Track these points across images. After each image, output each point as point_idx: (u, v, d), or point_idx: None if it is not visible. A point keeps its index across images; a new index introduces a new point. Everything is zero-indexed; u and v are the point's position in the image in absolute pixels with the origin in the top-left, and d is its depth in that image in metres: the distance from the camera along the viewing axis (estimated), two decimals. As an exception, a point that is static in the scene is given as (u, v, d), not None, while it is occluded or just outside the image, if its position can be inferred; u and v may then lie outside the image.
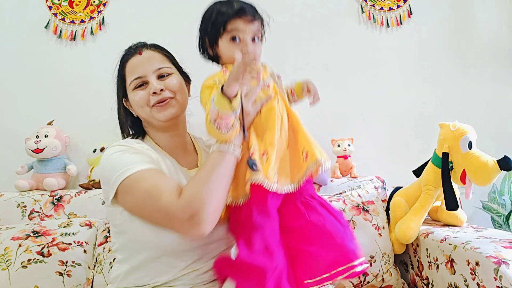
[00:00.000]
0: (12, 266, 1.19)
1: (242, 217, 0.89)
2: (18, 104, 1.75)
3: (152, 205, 0.84)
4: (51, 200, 1.47)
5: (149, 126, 1.04)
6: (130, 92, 1.00)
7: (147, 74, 0.98)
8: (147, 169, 0.88)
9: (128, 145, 0.94)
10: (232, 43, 0.96)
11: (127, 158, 0.89)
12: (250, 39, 0.96)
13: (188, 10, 1.84)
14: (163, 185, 0.85)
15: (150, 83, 0.97)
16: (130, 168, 0.86)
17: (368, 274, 1.33)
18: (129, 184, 0.86)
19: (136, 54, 1.01)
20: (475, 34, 1.94)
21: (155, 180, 0.86)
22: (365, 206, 1.44)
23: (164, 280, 0.91)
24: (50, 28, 1.80)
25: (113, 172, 0.88)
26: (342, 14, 1.91)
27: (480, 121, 1.50)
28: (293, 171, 0.92)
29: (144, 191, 0.85)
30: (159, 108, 0.97)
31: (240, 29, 0.95)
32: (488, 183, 1.18)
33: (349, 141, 1.72)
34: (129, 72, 1.00)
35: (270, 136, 0.90)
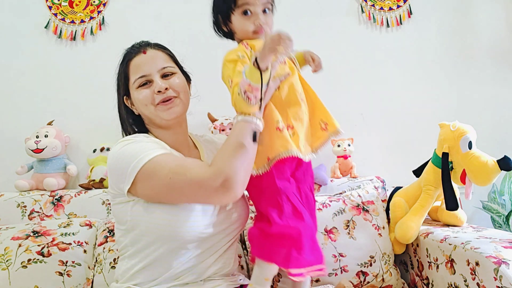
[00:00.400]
0: (12, 266, 1.19)
1: (263, 185, 0.94)
2: (18, 104, 1.75)
3: (182, 180, 0.86)
4: (51, 200, 1.47)
5: (152, 124, 1.04)
6: (134, 91, 1.00)
7: (151, 73, 0.98)
8: (164, 153, 0.90)
9: (134, 137, 0.95)
10: (244, 17, 0.99)
11: (142, 146, 0.91)
12: (261, 11, 0.99)
13: (188, 10, 1.85)
14: (187, 163, 0.90)
15: (155, 82, 0.98)
16: (148, 154, 0.88)
17: (368, 274, 1.33)
18: (151, 168, 0.87)
19: (141, 53, 1.01)
20: (475, 34, 1.94)
21: (177, 160, 0.90)
22: (365, 206, 1.44)
23: (177, 272, 0.93)
24: (50, 28, 1.80)
25: (129, 162, 0.88)
26: (342, 14, 1.91)
27: (480, 121, 1.50)
28: (313, 140, 1.00)
29: (169, 171, 0.86)
30: (164, 107, 0.98)
31: (250, 2, 0.98)
32: (488, 183, 1.18)
33: (349, 141, 1.72)
34: (133, 71, 1.00)
35: (295, 111, 0.96)
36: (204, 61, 1.82)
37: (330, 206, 1.42)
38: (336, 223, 1.38)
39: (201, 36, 1.82)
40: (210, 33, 1.18)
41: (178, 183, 0.86)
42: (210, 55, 1.79)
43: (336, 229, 1.38)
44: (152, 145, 0.92)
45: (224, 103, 1.45)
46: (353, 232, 1.37)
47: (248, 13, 0.99)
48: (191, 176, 0.86)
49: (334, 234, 1.37)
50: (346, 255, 1.34)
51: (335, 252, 1.34)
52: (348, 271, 1.33)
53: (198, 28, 1.82)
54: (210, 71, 1.35)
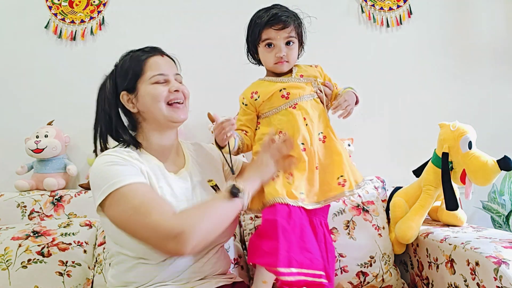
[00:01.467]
0: (12, 266, 1.19)
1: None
2: (18, 104, 1.76)
3: (139, 221, 0.86)
4: (51, 200, 1.47)
5: (148, 123, 1.03)
6: (147, 85, 1.00)
7: (170, 74, 1.03)
8: (136, 183, 0.89)
9: (118, 155, 0.94)
10: (267, 49, 1.12)
11: (118, 170, 0.90)
12: (283, 43, 1.11)
13: (188, 10, 1.85)
14: (154, 203, 0.88)
15: (172, 82, 1.02)
16: (120, 180, 0.88)
17: (368, 274, 1.33)
18: (118, 198, 0.88)
19: (158, 55, 1.05)
20: (475, 34, 1.94)
21: (145, 196, 0.88)
22: (365, 206, 1.44)
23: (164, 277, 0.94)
24: (50, 28, 1.80)
25: (103, 182, 0.89)
26: (342, 14, 1.91)
27: (480, 121, 1.50)
28: (324, 190, 1.07)
29: (132, 207, 0.86)
30: (176, 109, 1.01)
31: (272, 37, 1.11)
32: (488, 183, 1.18)
33: (349, 141, 1.72)
34: (151, 67, 1.01)
35: (300, 165, 1.06)
36: (204, 61, 1.83)
37: (330, 206, 1.41)
38: (336, 224, 1.38)
39: (201, 36, 1.82)
40: (210, 34, 1.19)
41: (135, 223, 0.86)
42: (210, 55, 1.80)
43: (336, 229, 1.38)
44: (127, 170, 0.91)
45: (224, 103, 1.46)
46: (353, 232, 1.37)
47: (272, 45, 1.11)
48: (150, 220, 0.85)
49: (334, 235, 1.37)
50: (346, 256, 1.34)
51: (335, 253, 1.34)
52: (348, 271, 1.33)
53: (198, 28, 1.82)
54: (210, 71, 1.37)
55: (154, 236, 0.85)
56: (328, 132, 1.13)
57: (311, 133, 1.09)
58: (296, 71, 1.17)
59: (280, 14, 1.10)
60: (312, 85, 1.16)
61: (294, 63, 1.17)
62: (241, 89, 1.20)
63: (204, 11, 1.85)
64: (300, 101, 1.11)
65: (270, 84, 1.15)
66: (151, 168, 0.97)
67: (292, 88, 1.12)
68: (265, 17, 1.10)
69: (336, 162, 1.09)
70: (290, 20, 1.11)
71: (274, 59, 1.12)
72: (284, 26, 1.09)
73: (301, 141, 1.07)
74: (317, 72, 1.19)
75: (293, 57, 1.14)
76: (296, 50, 1.15)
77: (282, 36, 1.10)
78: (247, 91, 1.17)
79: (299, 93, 1.12)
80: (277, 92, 1.12)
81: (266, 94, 1.13)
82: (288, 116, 1.10)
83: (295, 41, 1.13)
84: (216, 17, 1.84)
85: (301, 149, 1.06)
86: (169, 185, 0.98)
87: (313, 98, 1.14)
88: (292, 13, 1.14)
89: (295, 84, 1.14)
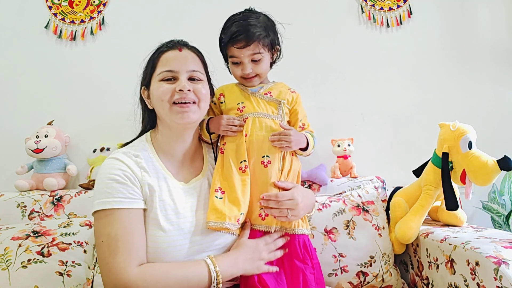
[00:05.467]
0: (12, 266, 1.19)
1: None
2: (18, 104, 1.75)
3: (105, 254, 0.86)
4: (51, 200, 1.47)
5: (161, 122, 1.02)
6: (155, 82, 0.97)
7: (180, 70, 0.97)
8: (124, 209, 0.88)
9: (122, 166, 0.91)
10: (233, 65, 1.11)
11: (113, 189, 0.89)
12: (249, 61, 1.08)
13: (188, 10, 1.85)
14: (125, 243, 0.86)
15: (180, 80, 0.96)
16: (110, 202, 0.87)
17: (368, 274, 1.33)
18: (102, 217, 0.88)
19: (176, 49, 1.00)
20: (475, 34, 1.94)
21: (122, 231, 0.86)
22: (365, 206, 1.44)
23: None
24: (50, 28, 1.80)
25: (98, 195, 0.90)
26: (342, 14, 1.91)
27: (480, 121, 1.50)
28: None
29: (106, 235, 0.86)
30: (179, 109, 0.95)
31: (236, 55, 1.08)
32: (488, 183, 1.18)
33: (349, 141, 1.72)
34: (162, 63, 0.98)
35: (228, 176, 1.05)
36: (204, 61, 1.82)
37: (330, 206, 1.42)
38: (336, 223, 1.38)
39: (201, 36, 1.81)
40: (209, 34, 1.19)
41: (101, 251, 0.87)
42: (210, 55, 1.80)
43: (336, 229, 1.38)
44: (125, 191, 0.89)
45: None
46: (353, 232, 1.37)
47: (238, 63, 1.09)
48: (112, 260, 0.84)
49: (334, 235, 1.37)
50: (346, 256, 1.34)
51: (335, 253, 1.34)
52: (348, 271, 1.33)
53: (198, 28, 1.82)
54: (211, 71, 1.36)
55: (106, 276, 0.85)
56: (277, 158, 1.06)
57: (251, 151, 1.05)
58: (267, 88, 1.14)
59: (241, 31, 1.04)
60: (277, 107, 1.11)
61: (265, 75, 1.15)
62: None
63: (204, 11, 1.85)
64: (252, 116, 1.08)
65: (239, 92, 1.13)
66: (157, 178, 0.95)
67: (250, 102, 1.10)
68: (228, 33, 1.07)
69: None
70: (252, 36, 1.04)
71: (240, 74, 1.11)
72: (246, 44, 1.04)
73: (243, 158, 1.04)
74: (290, 97, 1.14)
75: (262, 70, 1.11)
76: (264, 63, 1.10)
77: (246, 54, 1.06)
78: (218, 90, 1.16)
79: (254, 108, 1.09)
80: (235, 105, 1.11)
81: (230, 102, 1.12)
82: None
83: (262, 55, 1.08)
84: (216, 17, 1.84)
85: (240, 167, 1.03)
86: (172, 199, 0.95)
87: (269, 118, 1.09)
88: (258, 24, 1.06)
89: (256, 99, 1.11)
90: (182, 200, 0.96)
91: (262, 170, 1.04)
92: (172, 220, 0.92)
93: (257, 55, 1.07)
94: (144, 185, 0.92)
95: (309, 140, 1.12)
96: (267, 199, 1.01)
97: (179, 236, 0.91)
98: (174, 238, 0.90)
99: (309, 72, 1.85)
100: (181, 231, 0.92)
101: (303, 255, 1.02)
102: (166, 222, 0.91)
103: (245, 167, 1.03)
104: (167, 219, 0.91)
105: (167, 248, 0.89)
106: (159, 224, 0.90)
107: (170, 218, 0.92)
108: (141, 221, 0.90)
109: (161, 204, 0.92)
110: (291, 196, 1.01)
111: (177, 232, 0.91)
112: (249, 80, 1.12)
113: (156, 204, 0.92)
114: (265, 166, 1.04)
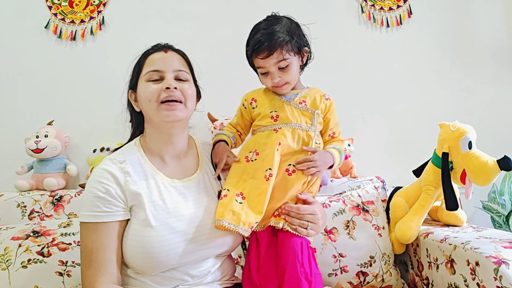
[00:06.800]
0: (12, 266, 1.19)
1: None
2: (18, 104, 1.75)
3: (82, 263, 0.91)
4: (51, 200, 1.47)
5: (149, 124, 1.02)
6: (142, 83, 0.98)
7: (166, 70, 0.97)
8: (103, 223, 0.89)
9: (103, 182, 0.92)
10: (263, 76, 1.09)
11: (93, 203, 0.90)
12: (275, 69, 1.05)
13: (188, 10, 1.85)
14: (99, 259, 0.89)
15: (166, 78, 0.96)
16: (90, 216, 0.90)
17: (368, 274, 1.33)
18: (83, 229, 0.92)
19: (162, 51, 1.01)
20: (475, 34, 1.94)
21: (95, 245, 0.89)
22: (365, 206, 1.44)
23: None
24: (50, 28, 1.80)
25: (82, 207, 0.93)
26: (342, 14, 1.91)
27: (480, 121, 1.50)
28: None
29: (84, 246, 0.90)
30: (167, 107, 0.95)
31: (262, 66, 1.06)
32: (488, 183, 1.18)
33: (349, 141, 1.72)
34: (148, 64, 0.99)
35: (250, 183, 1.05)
36: (204, 61, 1.82)
37: (330, 206, 1.42)
38: (336, 223, 1.38)
39: (201, 36, 1.82)
40: (210, 34, 1.19)
41: (81, 259, 0.91)
42: (210, 55, 1.80)
43: (336, 229, 1.38)
44: (109, 204, 0.90)
45: (224, 103, 1.46)
46: (353, 232, 1.37)
47: (266, 73, 1.07)
48: (85, 272, 0.89)
49: (334, 235, 1.37)
50: (346, 255, 1.34)
51: (335, 253, 1.34)
52: (348, 271, 1.33)
53: (198, 28, 1.82)
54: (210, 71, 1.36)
55: (82, 284, 0.90)
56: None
57: (281, 161, 1.03)
58: (301, 96, 1.11)
59: (263, 40, 1.01)
60: (311, 117, 1.08)
61: (295, 81, 1.10)
62: (242, 89, 1.20)
63: (205, 11, 1.85)
64: (286, 126, 1.06)
65: (272, 99, 1.11)
66: (146, 180, 0.95)
67: (284, 112, 1.07)
68: (251, 45, 1.05)
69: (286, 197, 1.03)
70: (274, 44, 1.01)
71: (271, 84, 1.08)
72: (269, 53, 1.02)
73: (269, 166, 1.01)
74: (323, 105, 1.11)
75: (292, 77, 1.07)
76: (292, 69, 1.06)
77: (271, 63, 1.03)
78: (250, 94, 1.15)
79: (288, 119, 1.06)
80: (268, 112, 1.09)
81: (263, 109, 1.10)
82: (268, 138, 1.05)
83: (289, 61, 1.04)
84: (216, 17, 1.85)
85: (265, 175, 1.01)
86: (163, 199, 0.95)
87: (302, 129, 1.07)
88: (279, 30, 1.03)
89: (290, 108, 1.08)
90: (174, 199, 0.96)
91: (285, 177, 1.03)
92: (162, 220, 0.92)
93: (283, 62, 1.03)
94: (127, 190, 0.92)
95: (335, 158, 1.09)
96: (288, 209, 1.00)
97: (170, 235, 0.91)
98: (166, 237, 0.90)
99: (309, 72, 1.84)
100: (172, 230, 0.92)
101: (303, 259, 0.99)
102: (156, 222, 0.91)
103: (269, 175, 1.00)
104: (157, 219, 0.91)
105: (159, 248, 0.89)
106: (150, 225, 0.90)
107: (160, 218, 0.92)
108: (116, 235, 0.91)
109: (150, 205, 0.92)
110: (313, 211, 1.01)
111: (168, 231, 0.91)
112: (280, 89, 1.09)
113: (145, 206, 0.92)
114: (290, 174, 1.03)
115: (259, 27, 1.06)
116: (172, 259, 0.90)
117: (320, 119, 1.09)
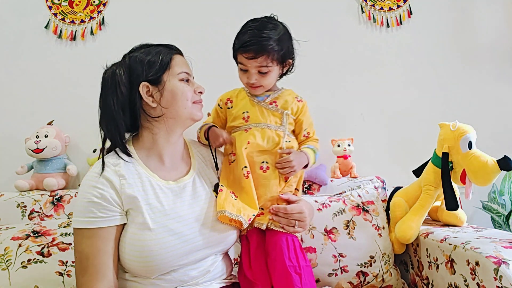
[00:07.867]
0: (12, 266, 1.19)
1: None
2: (18, 104, 1.75)
3: (77, 269, 0.90)
4: (51, 200, 1.47)
5: (163, 121, 1.00)
6: (176, 81, 0.99)
7: (191, 74, 1.05)
8: (93, 229, 0.88)
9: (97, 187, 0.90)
10: (241, 72, 1.11)
11: (84, 209, 0.89)
12: (255, 71, 1.07)
13: (188, 10, 1.85)
14: (95, 265, 0.88)
15: (193, 82, 1.05)
16: (84, 222, 0.88)
17: (368, 274, 1.33)
18: (76, 235, 0.90)
19: (182, 54, 1.06)
20: (475, 34, 1.94)
21: (91, 251, 0.88)
22: (365, 206, 1.44)
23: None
24: (50, 28, 1.80)
25: (75, 212, 0.91)
26: (342, 14, 1.91)
27: (480, 121, 1.50)
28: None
29: (79, 252, 0.89)
30: (199, 107, 1.04)
31: (244, 63, 1.08)
32: (488, 183, 1.18)
33: (349, 141, 1.72)
34: (178, 64, 1.02)
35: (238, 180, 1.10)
36: (204, 61, 1.82)
37: (330, 206, 1.42)
38: (336, 223, 1.38)
39: (201, 36, 1.82)
40: (210, 34, 1.19)
41: (75, 265, 0.90)
42: (210, 55, 1.80)
43: (336, 229, 1.38)
44: (103, 209, 0.89)
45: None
46: (353, 232, 1.37)
47: (246, 71, 1.09)
48: (80, 279, 0.88)
49: (334, 234, 1.37)
50: (346, 255, 1.34)
51: (335, 252, 1.34)
52: (348, 271, 1.33)
53: (198, 28, 1.82)
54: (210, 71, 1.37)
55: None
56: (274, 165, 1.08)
57: (251, 159, 1.07)
58: (273, 97, 1.13)
59: (253, 42, 1.02)
60: (280, 116, 1.11)
61: (269, 86, 1.13)
62: (241, 89, 1.20)
63: (205, 11, 1.85)
64: (256, 126, 1.09)
65: (246, 100, 1.14)
66: (141, 183, 0.95)
67: (254, 112, 1.11)
68: (240, 40, 1.06)
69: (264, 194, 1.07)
70: (262, 49, 1.03)
71: (246, 81, 1.11)
72: (254, 56, 1.04)
73: (244, 164, 1.05)
74: (295, 106, 1.13)
75: (268, 83, 1.10)
76: (271, 76, 1.09)
77: (253, 65, 1.06)
78: (225, 95, 1.19)
79: (258, 119, 1.10)
80: (240, 113, 1.12)
81: (236, 109, 1.13)
82: (239, 138, 1.09)
83: (270, 69, 1.06)
84: (216, 17, 1.84)
85: (243, 173, 1.05)
86: (159, 201, 0.94)
87: (272, 129, 1.10)
88: (272, 36, 1.04)
89: (261, 109, 1.11)
90: (170, 201, 0.96)
91: (261, 175, 1.07)
92: (161, 222, 0.92)
93: (264, 68, 1.06)
94: (123, 194, 0.91)
95: (309, 158, 1.13)
96: (276, 210, 1.04)
97: (170, 237, 0.91)
98: (166, 240, 0.90)
99: (309, 72, 1.85)
100: (171, 232, 0.92)
101: (290, 254, 1.02)
102: (155, 225, 0.91)
103: (247, 173, 1.05)
104: (156, 222, 0.91)
105: (159, 250, 0.89)
106: (149, 228, 0.90)
107: (158, 220, 0.92)
108: (113, 240, 0.90)
109: (148, 208, 0.92)
110: (300, 210, 1.04)
111: (168, 233, 0.91)
112: (253, 89, 1.12)
113: (142, 209, 0.91)
114: (264, 171, 1.07)
115: (253, 26, 1.07)
116: (172, 261, 0.90)
117: (290, 120, 1.12)
